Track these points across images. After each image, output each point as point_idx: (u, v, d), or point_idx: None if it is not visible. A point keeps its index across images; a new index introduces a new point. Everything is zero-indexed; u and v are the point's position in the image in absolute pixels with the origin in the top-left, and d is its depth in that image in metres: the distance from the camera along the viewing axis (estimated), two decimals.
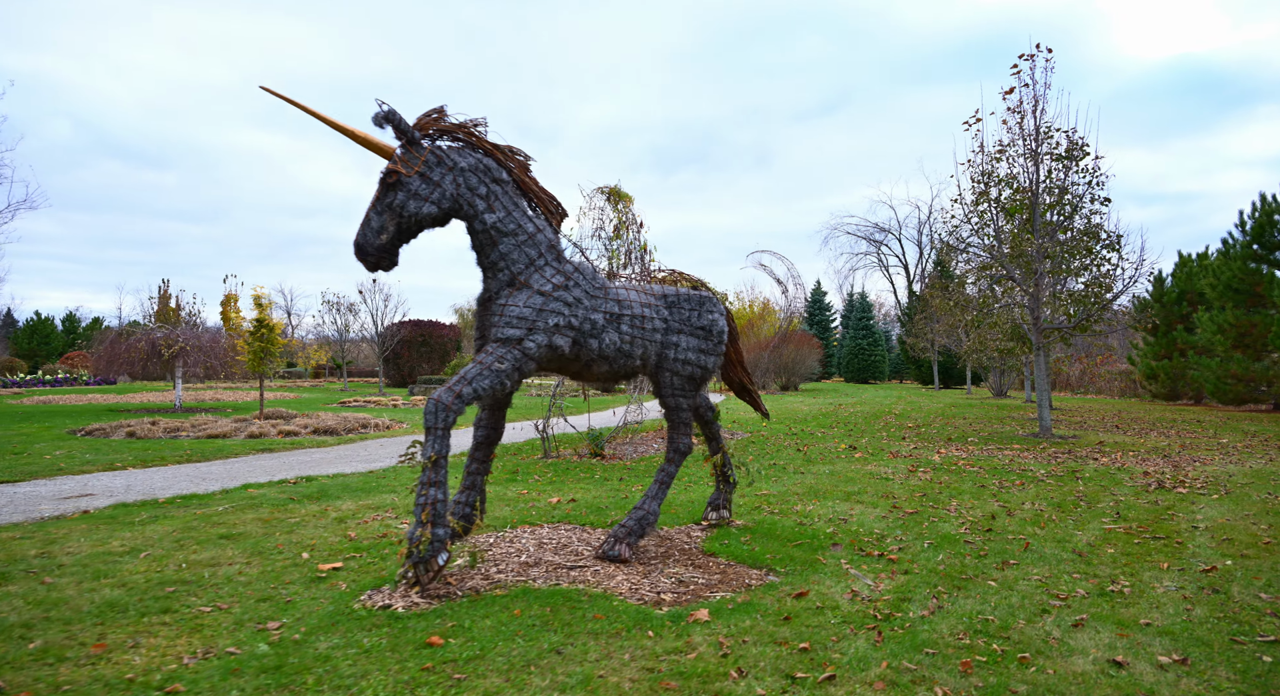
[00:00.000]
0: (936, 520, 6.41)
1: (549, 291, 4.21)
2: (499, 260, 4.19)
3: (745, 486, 7.41)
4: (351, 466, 9.13)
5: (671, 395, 4.98)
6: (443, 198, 4.00)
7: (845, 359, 52.95)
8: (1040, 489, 8.05)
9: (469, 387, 3.84)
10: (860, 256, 63.85)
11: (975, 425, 15.98)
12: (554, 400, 10.09)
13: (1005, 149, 13.60)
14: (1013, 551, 5.36)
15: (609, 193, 10.08)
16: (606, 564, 4.53)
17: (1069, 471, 9.24)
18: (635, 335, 4.64)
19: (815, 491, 7.68)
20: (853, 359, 52.13)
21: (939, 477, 8.77)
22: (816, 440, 12.84)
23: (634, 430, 11.69)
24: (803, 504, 7.01)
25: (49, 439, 11.18)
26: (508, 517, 5.96)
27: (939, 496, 7.55)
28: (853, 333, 53.01)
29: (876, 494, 7.61)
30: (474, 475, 4.48)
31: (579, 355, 4.43)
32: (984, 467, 9.56)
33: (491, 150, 4.25)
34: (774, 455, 10.73)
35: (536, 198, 4.42)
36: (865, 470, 9.29)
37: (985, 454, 10.96)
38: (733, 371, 5.88)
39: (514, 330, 4.06)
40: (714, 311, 5.16)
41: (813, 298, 60.84)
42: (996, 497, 7.54)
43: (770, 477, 8.65)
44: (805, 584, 4.39)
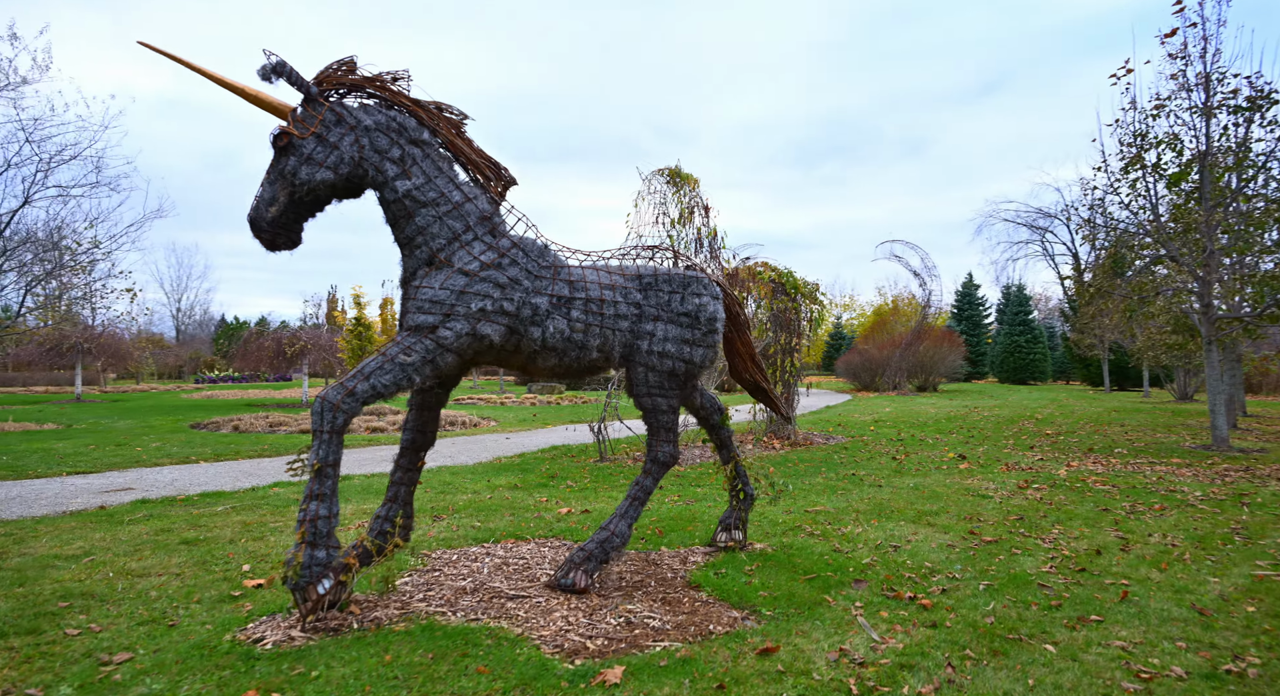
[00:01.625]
0: (1019, 553, 5.13)
1: (474, 271, 3.56)
2: (416, 235, 3.59)
3: (766, 504, 6.40)
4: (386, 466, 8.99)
5: (647, 394, 4.16)
6: (340, 162, 3.45)
7: (999, 357, 48.33)
8: (1184, 517, 6.38)
9: (365, 384, 3.28)
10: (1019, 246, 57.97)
11: (1133, 433, 13.60)
12: (609, 400, 9.46)
13: (1164, 103, 11.35)
14: (1103, 603, 4.07)
15: (669, 174, 9.30)
16: (557, 594, 3.82)
17: (1235, 495, 7.36)
18: (592, 323, 3.88)
19: (882, 509, 6.52)
20: (1008, 357, 47.48)
21: (1053, 497, 7.25)
22: (924, 447, 11.34)
23: (695, 434, 10.79)
24: (857, 525, 5.91)
25: (165, 431, 12.08)
26: (497, 530, 5.39)
27: (1040, 522, 6.15)
28: (1008, 328, 48.26)
29: (958, 515, 6.33)
30: (398, 486, 3.90)
31: (519, 346, 3.75)
32: (1119, 486, 7.85)
33: (412, 107, 3.66)
34: (862, 464, 9.48)
35: (469, 162, 3.78)
36: (963, 485, 7.90)
37: (1129, 469, 9.09)
38: (742, 367, 4.95)
39: (426, 316, 3.45)
40: (702, 294, 4.29)
41: (963, 291, 56.16)
42: (1118, 526, 6.03)
43: (839, 490, 7.52)
44: (786, 635, 3.46)
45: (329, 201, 3.60)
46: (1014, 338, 47.48)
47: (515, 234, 3.89)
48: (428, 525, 5.47)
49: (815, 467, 9.03)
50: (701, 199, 9.79)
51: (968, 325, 54.55)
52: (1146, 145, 11.37)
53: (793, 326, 11.36)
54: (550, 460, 9.38)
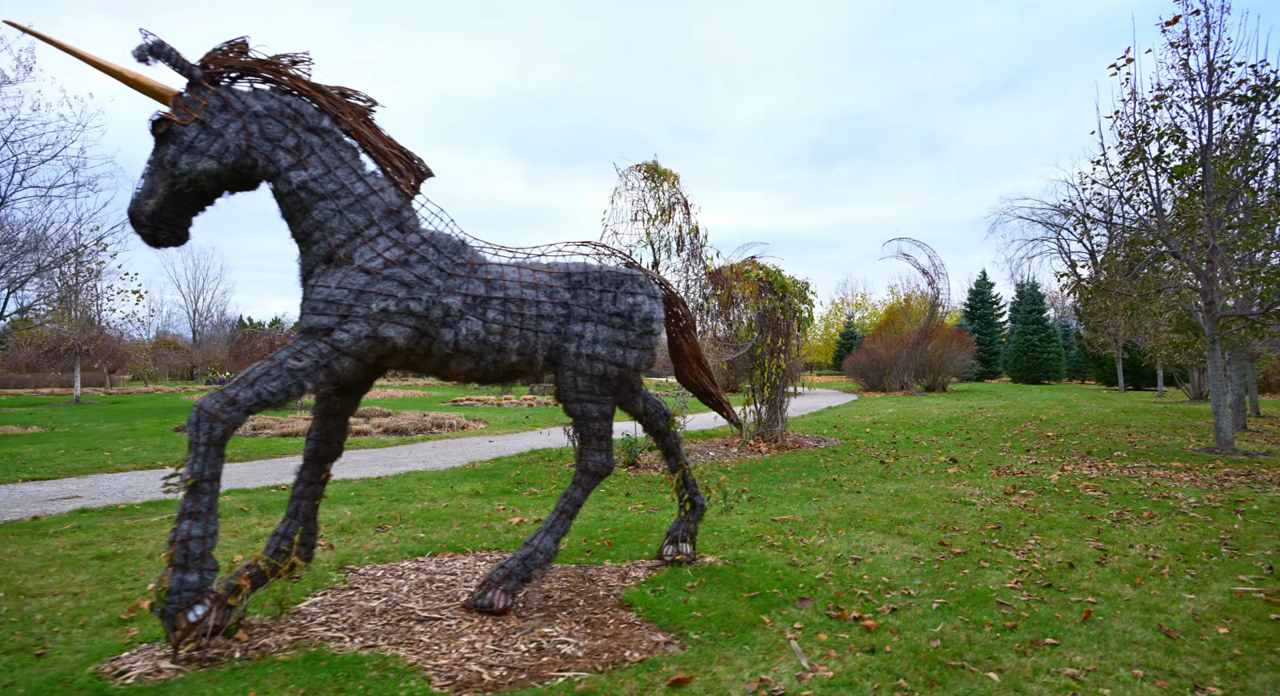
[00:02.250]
0: (987, 566, 4.86)
1: (377, 268, 3.32)
2: (313, 230, 3.35)
3: (717, 514, 6.08)
4: (370, 471, 8.81)
5: (576, 399, 3.92)
6: (225, 150, 3.21)
7: (1012, 356, 47.61)
8: (1172, 526, 6.06)
9: (249, 391, 3.05)
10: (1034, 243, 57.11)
11: (1138, 435, 13.20)
12: None
13: (1165, 94, 10.96)
14: (1062, 623, 3.79)
15: (646, 169, 9.06)
16: (474, 616, 3.58)
17: (1230, 502, 7.01)
18: (511, 324, 3.64)
19: (854, 517, 6.25)
20: (1021, 356, 46.75)
21: (1038, 504, 6.94)
22: (917, 450, 11.02)
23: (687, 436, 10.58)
24: (822, 535, 5.65)
25: (146, 434, 12.00)
26: (439, 542, 5.17)
27: (1018, 531, 5.86)
28: (1021, 327, 47.52)
29: (933, 524, 6.05)
30: (298, 500, 3.65)
31: (430, 349, 3.52)
32: (1110, 492, 7.53)
33: (310, 92, 3.42)
34: (847, 468, 9.20)
35: (376, 152, 3.55)
36: (946, 491, 7.61)
37: (1125, 474, 8.75)
38: (687, 370, 4.70)
39: (321, 318, 3.22)
40: (637, 292, 4.04)
41: (976, 289, 55.40)
42: (1100, 536, 5.73)
43: (814, 497, 7.25)
44: (707, 662, 3.22)
45: (218, 194, 3.38)
46: (1027, 337, 46.75)
47: (429, 229, 3.66)
48: (368, 536, 5.27)
49: (796, 472, 8.76)
50: (682, 195, 9.54)
51: (980, 324, 53.80)
52: (1147, 138, 10.99)
53: (780, 326, 11.08)
54: (524, 465, 9.17)
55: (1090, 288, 11.15)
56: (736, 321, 10.95)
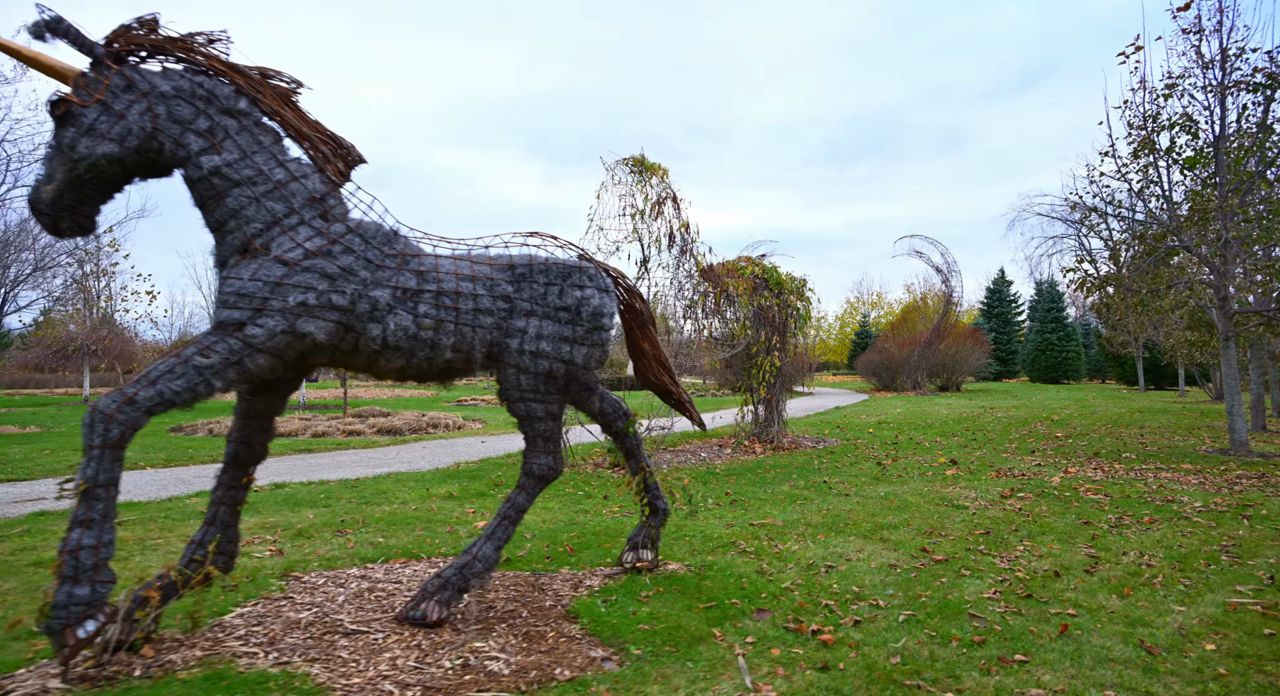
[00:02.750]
0: (967, 574, 4.61)
1: (297, 259, 3.14)
2: (227, 218, 3.16)
3: (683, 519, 5.81)
4: (352, 472, 8.68)
5: (520, 398, 3.72)
6: (128, 133, 3.02)
7: (1030, 355, 46.80)
8: (1172, 531, 5.76)
9: (150, 391, 2.87)
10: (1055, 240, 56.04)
11: (1151, 436, 12.78)
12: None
13: (1177, 82, 10.57)
14: (1036, 638, 3.55)
15: (633, 163, 8.85)
16: (405, 629, 3.40)
17: (1238, 506, 6.68)
18: (445, 318, 3.45)
19: (837, 522, 6.01)
20: (1039, 355, 45.94)
21: (1034, 508, 6.66)
22: (918, 451, 10.72)
23: (654, 441, 10.23)
24: (800, 540, 5.42)
25: (140, 435, 11.97)
26: (395, 547, 4.99)
27: (1007, 537, 5.60)
28: (1039, 325, 46.70)
29: (919, 529, 5.80)
30: (217, 506, 3.46)
31: (358, 345, 3.33)
32: (1112, 495, 7.22)
33: (227, 72, 3.23)
34: (842, 470, 8.94)
35: (300, 136, 3.36)
36: (940, 494, 7.34)
37: (1130, 476, 8.41)
38: (647, 369, 4.49)
39: (232, 311, 3.03)
40: (586, 285, 3.83)
41: (993, 287, 54.58)
42: (1094, 542, 5.45)
43: (799, 500, 7.01)
44: (641, 682, 3.01)
45: (125, 180, 3.19)
46: (1046, 335, 45.94)
47: (359, 218, 3.47)
48: (324, 541, 5.12)
49: (787, 474, 8.51)
50: (671, 190, 9.32)
51: (998, 322, 52.99)
52: (1158, 128, 10.61)
53: (776, 324, 10.83)
54: (508, 466, 9.00)
55: (1096, 283, 10.79)
56: (731, 319, 10.73)
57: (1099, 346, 42.08)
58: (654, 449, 9.73)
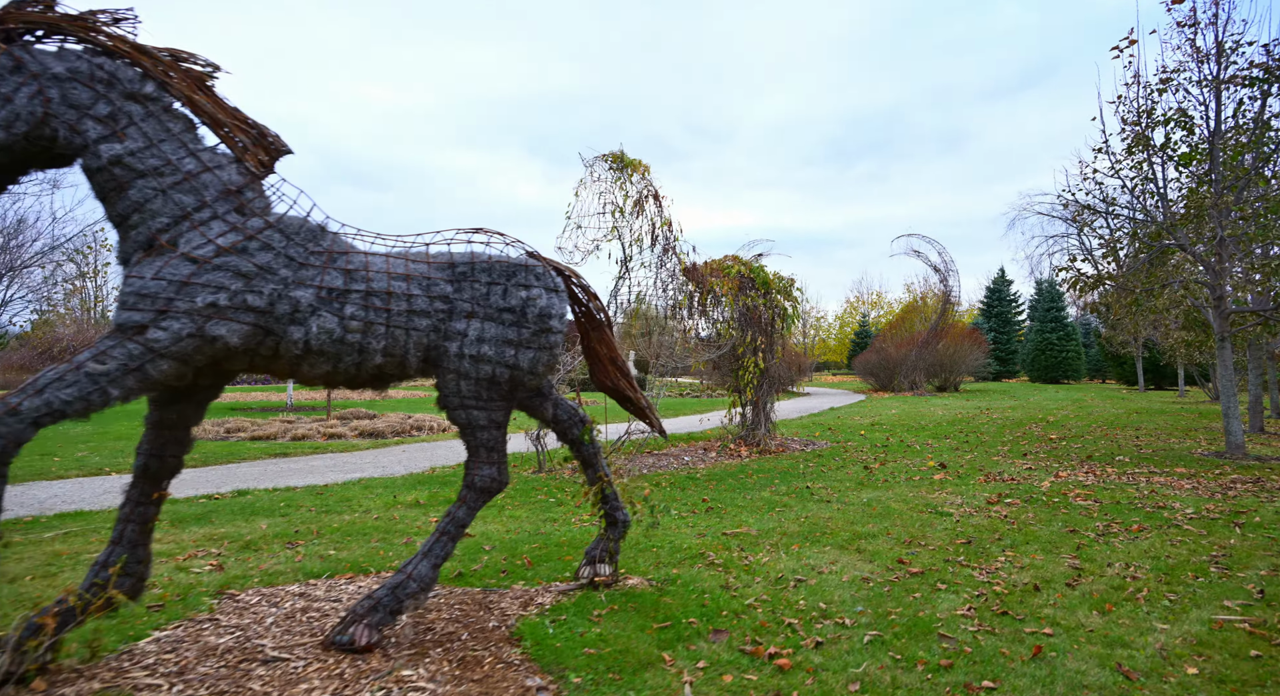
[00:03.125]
0: (943, 588, 4.39)
1: (207, 256, 2.90)
2: (131, 212, 2.92)
3: (643, 531, 5.51)
4: (323, 477, 8.46)
5: (460, 405, 3.50)
6: (15, 119, 2.78)
7: (1030, 355, 46.52)
8: (1161, 540, 5.55)
9: (36, 400, 2.63)
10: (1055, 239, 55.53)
11: (1146, 438, 12.55)
12: None
13: (1171, 76, 10.35)
14: (1008, 661, 3.33)
15: (611, 159, 8.64)
16: (331, 655, 3.17)
17: (1231, 512, 6.46)
18: (375, 320, 3.22)
19: (814, 531, 5.80)
20: (1039, 355, 45.67)
21: (1020, 515, 6.45)
22: (908, 454, 10.50)
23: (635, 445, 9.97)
24: (772, 551, 5.21)
25: (114, 438, 11.77)
26: (345, 561, 4.78)
27: (989, 547, 5.38)
28: (1039, 325, 46.43)
29: (899, 538, 5.59)
30: (125, 523, 3.21)
31: (278, 350, 3.11)
32: (1102, 501, 7.00)
33: (133, 54, 2.99)
34: (827, 475, 8.72)
35: (216, 124, 3.11)
36: (925, 500, 7.12)
37: (1123, 480, 8.19)
38: (602, 372, 4.27)
39: (132, 313, 2.78)
40: (532, 285, 3.61)
41: (993, 287, 54.29)
42: (1079, 552, 5.24)
43: (778, 507, 6.79)
44: None
45: (18, 170, 2.92)
46: (1045, 335, 45.66)
47: (281, 213, 3.25)
48: (271, 554, 4.90)
49: (769, 479, 8.30)
50: (653, 187, 9.10)
51: (997, 322, 52.71)
52: (1152, 123, 10.38)
53: (762, 324, 10.61)
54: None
55: (1090, 283, 10.57)
56: (717, 319, 10.51)
57: (1099, 346, 41.82)
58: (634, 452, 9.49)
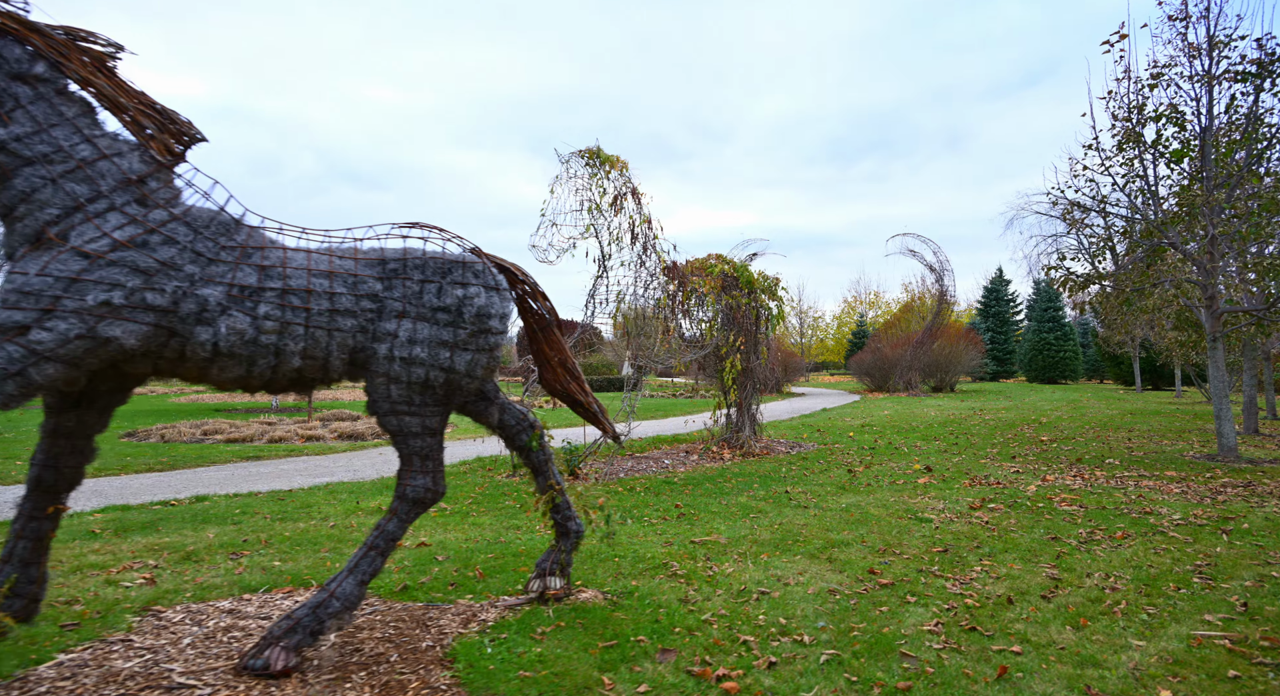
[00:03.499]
0: (913, 601, 4.20)
1: (102, 251, 2.67)
2: (17, 202, 2.70)
3: (597, 541, 5.27)
4: (290, 482, 8.26)
5: (391, 411, 3.29)
6: None
7: (1027, 355, 46.31)
8: (1145, 548, 5.35)
9: None
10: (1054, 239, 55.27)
11: (1139, 440, 12.35)
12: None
13: (1163, 71, 10.15)
14: (970, 682, 3.13)
15: (588, 156, 8.44)
16: (244, 680, 2.96)
17: (1219, 518, 6.26)
18: (292, 320, 3.01)
19: (786, 539, 5.60)
20: (1036, 355, 45.48)
21: (1002, 521, 6.25)
22: (896, 457, 10.30)
23: (611, 449, 9.69)
24: (740, 561, 5.01)
25: None
26: (288, 573, 4.57)
27: (966, 555, 5.19)
28: (1036, 325, 46.23)
29: (873, 546, 5.39)
30: (17, 540, 2.99)
31: (184, 352, 2.89)
32: (1088, 506, 6.80)
33: (21, 32, 2.76)
34: (809, 479, 8.52)
35: (116, 108, 2.88)
36: (906, 505, 6.92)
37: (1111, 484, 8.00)
38: (551, 375, 4.07)
39: (13, 313, 2.55)
40: (469, 283, 3.39)
41: (990, 286, 54.08)
42: (1059, 561, 5.04)
43: (753, 513, 6.59)
44: None
45: None
46: (1043, 335, 45.47)
47: (190, 205, 3.02)
48: (212, 565, 4.69)
49: (748, 483, 8.10)
50: (632, 183, 8.90)
51: (995, 322, 52.51)
52: (1143, 119, 10.18)
53: (745, 324, 10.41)
54: (458, 475, 8.58)
55: (1080, 282, 10.37)
56: (701, 319, 10.32)
57: (1096, 347, 41.61)
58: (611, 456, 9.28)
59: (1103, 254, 10.62)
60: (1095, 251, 10.75)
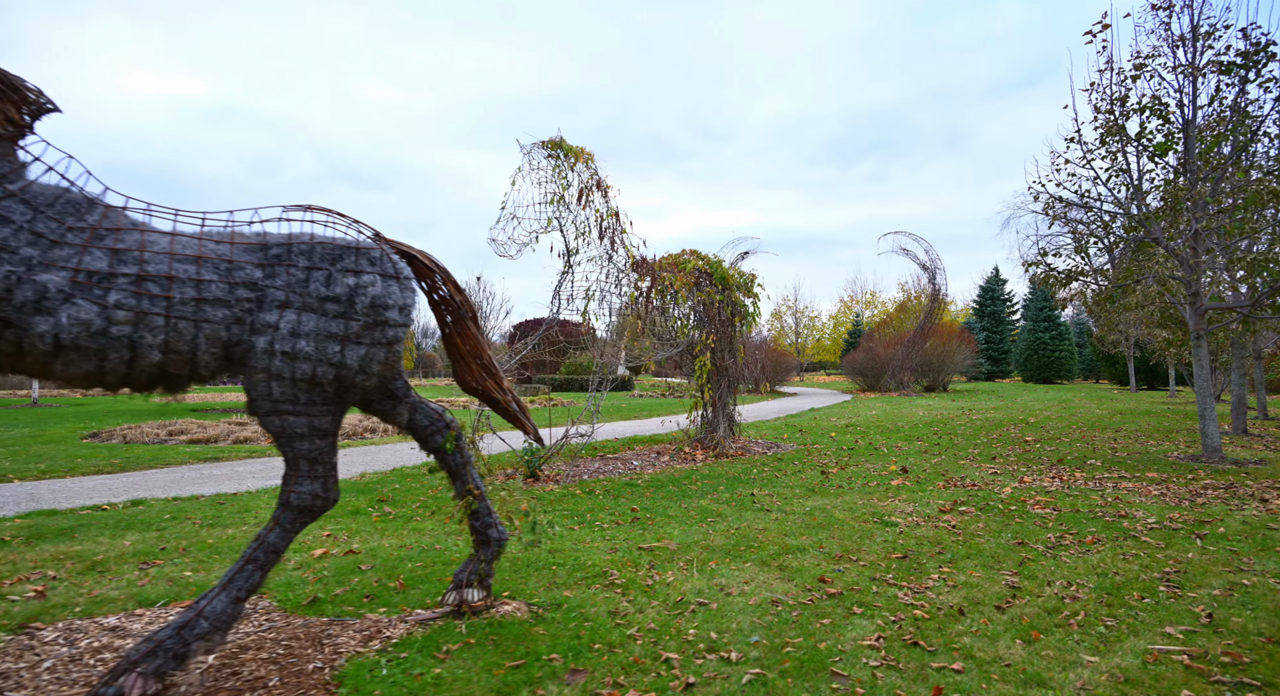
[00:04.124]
0: (859, 612, 3.94)
1: None
2: None
3: (523, 549, 5.00)
4: (240, 484, 7.99)
5: (273, 410, 3.00)
6: None
7: (1022, 355, 46.09)
8: (1113, 554, 5.10)
9: None
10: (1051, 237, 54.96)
11: (1124, 439, 12.10)
12: (482, 409, 8.31)
13: (1145, 63, 9.90)
14: None
15: (549, 147, 8.18)
16: None
17: (1195, 523, 6.01)
18: (151, 310, 2.71)
19: (739, 545, 5.34)
20: (1032, 355, 45.28)
21: (971, 525, 6.00)
22: (875, 457, 10.04)
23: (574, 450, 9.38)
24: (684, 570, 4.75)
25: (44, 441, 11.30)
26: (193, 585, 4.30)
27: (925, 562, 4.93)
28: (1032, 324, 46.02)
29: (829, 553, 5.13)
30: None
31: (21, 345, 2.58)
32: (1062, 509, 6.55)
33: None
34: (780, 480, 8.26)
35: None
36: (874, 508, 6.67)
37: (1089, 486, 7.74)
38: (466, 372, 3.80)
39: None
40: (363, 270, 3.11)
41: (986, 286, 53.86)
42: (1022, 568, 4.79)
43: (712, 516, 6.32)
44: None
45: None
46: (1038, 334, 45.28)
47: (28, 181, 2.74)
48: (118, 576, 4.42)
49: (714, 485, 7.83)
50: (599, 176, 8.64)
51: (990, 321, 52.32)
52: (1126, 112, 9.93)
53: (719, 322, 10.15)
54: (410, 478, 8.30)
55: (1061, 279, 10.10)
56: (675, 316, 10.06)
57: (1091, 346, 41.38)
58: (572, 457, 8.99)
59: (1085, 249, 10.35)
60: (1078, 246, 10.47)
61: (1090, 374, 49.85)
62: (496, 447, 9.96)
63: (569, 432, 8.45)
